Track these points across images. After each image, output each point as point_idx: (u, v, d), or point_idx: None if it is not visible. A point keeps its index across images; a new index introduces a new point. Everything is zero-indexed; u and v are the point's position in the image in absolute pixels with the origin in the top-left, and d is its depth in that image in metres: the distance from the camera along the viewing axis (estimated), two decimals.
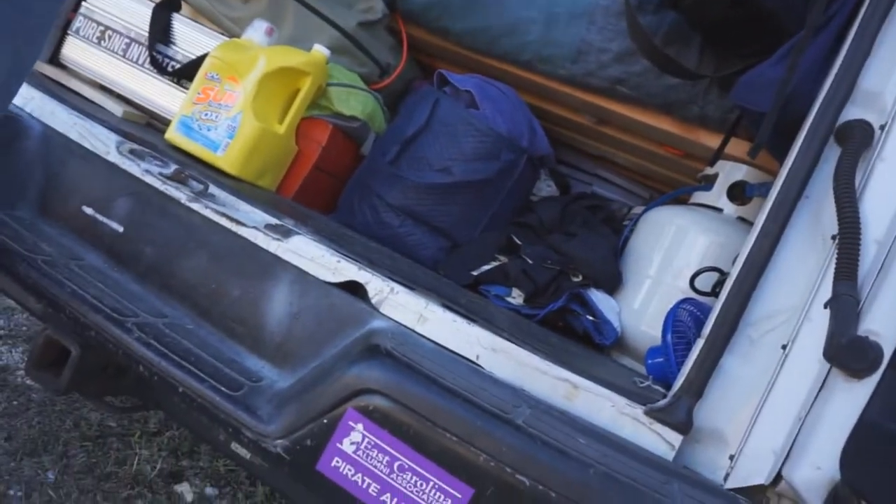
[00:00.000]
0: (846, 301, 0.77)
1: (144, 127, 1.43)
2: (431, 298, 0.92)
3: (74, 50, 1.52)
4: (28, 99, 1.23)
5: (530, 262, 1.28)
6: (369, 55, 1.49)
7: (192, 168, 1.15)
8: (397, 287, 0.92)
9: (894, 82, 0.92)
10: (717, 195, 1.32)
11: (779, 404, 0.83)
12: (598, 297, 1.24)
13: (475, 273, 1.32)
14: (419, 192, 1.36)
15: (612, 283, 1.29)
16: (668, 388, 0.91)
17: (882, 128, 0.90)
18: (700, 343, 0.90)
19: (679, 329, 1.12)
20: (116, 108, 1.42)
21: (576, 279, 1.28)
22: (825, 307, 0.81)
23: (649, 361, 1.14)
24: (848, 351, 0.73)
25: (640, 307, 1.27)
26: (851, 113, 0.92)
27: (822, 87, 0.94)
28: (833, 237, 0.87)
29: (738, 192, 1.29)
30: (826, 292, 0.83)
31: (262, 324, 0.96)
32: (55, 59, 1.54)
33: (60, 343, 0.95)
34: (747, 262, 0.90)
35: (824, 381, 0.79)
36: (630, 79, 1.36)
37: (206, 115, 1.26)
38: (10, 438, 1.35)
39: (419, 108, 1.42)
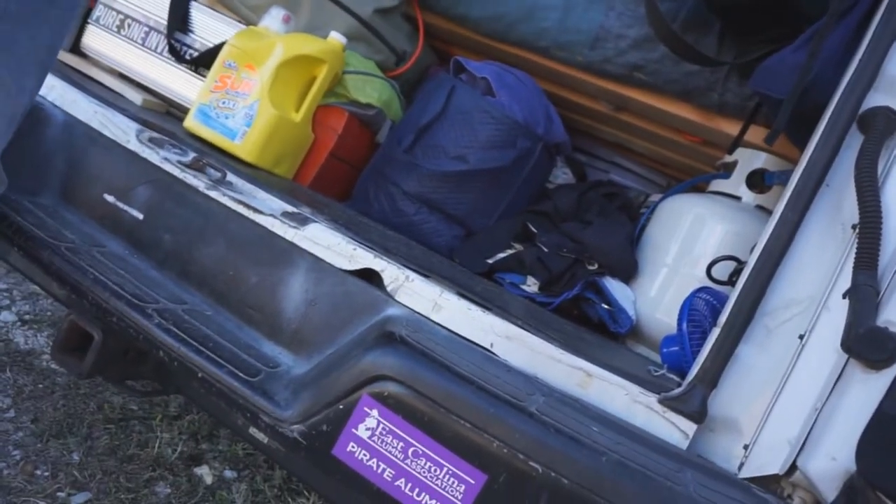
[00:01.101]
0: (865, 291, 0.76)
1: (164, 115, 1.45)
2: (446, 286, 0.93)
3: (95, 39, 1.54)
4: (50, 88, 1.25)
5: (546, 250, 1.28)
6: (385, 42, 1.49)
7: (210, 156, 1.16)
8: (412, 275, 0.93)
9: None
10: (735, 183, 1.30)
11: (795, 394, 0.83)
12: (613, 286, 1.24)
13: (490, 261, 1.32)
14: (434, 180, 1.36)
15: (628, 272, 1.28)
16: (683, 377, 0.91)
17: None
18: (716, 332, 0.90)
19: (695, 318, 1.11)
20: (136, 97, 1.44)
21: (591, 267, 1.28)
22: (844, 297, 0.80)
23: (664, 350, 1.13)
24: (866, 341, 0.72)
25: (656, 295, 1.26)
26: (875, 100, 0.90)
27: (844, 73, 0.93)
28: (853, 227, 0.85)
29: (758, 180, 1.28)
30: (845, 282, 0.82)
31: (278, 310, 0.97)
32: (76, 48, 1.56)
33: (84, 328, 0.98)
34: (765, 251, 0.89)
35: (841, 371, 0.78)
36: (648, 65, 1.34)
37: (224, 103, 1.27)
38: (37, 420, 1.39)
39: (435, 96, 1.42)
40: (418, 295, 0.92)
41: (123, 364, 1.02)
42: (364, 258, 0.95)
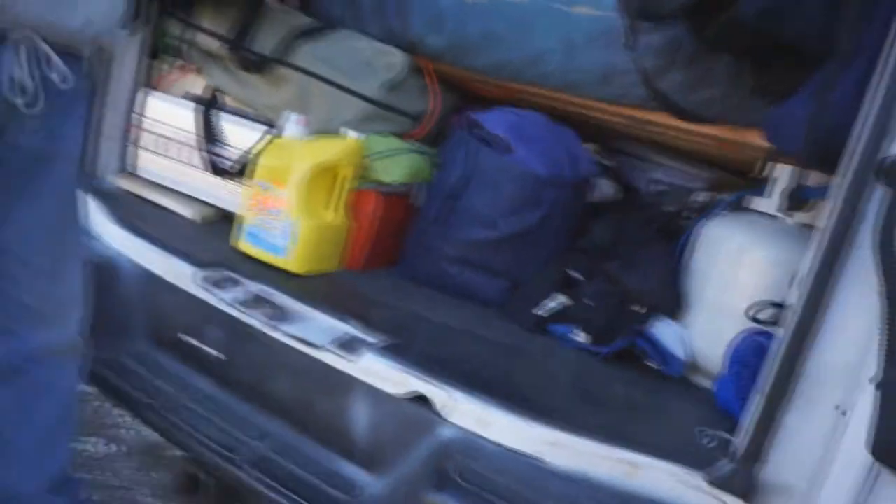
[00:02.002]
0: (892, 390, 0.76)
1: (219, 222, 1.56)
2: (491, 401, 1.00)
3: (142, 161, 1.66)
4: (115, 237, 1.40)
5: (590, 303, 1.32)
6: (401, 113, 1.52)
7: (265, 286, 1.26)
8: (458, 395, 1.01)
9: None
10: (772, 202, 1.27)
11: (840, 475, 0.85)
12: (660, 330, 1.27)
13: (538, 314, 1.37)
14: (470, 247, 1.41)
15: (674, 308, 1.30)
16: (737, 423, 0.93)
17: None
18: (757, 399, 0.92)
19: (742, 359, 1.13)
20: (192, 212, 1.58)
21: (637, 309, 1.31)
22: (876, 388, 0.80)
23: (717, 392, 1.17)
24: (890, 453, 0.73)
25: (707, 328, 1.27)
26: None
27: (861, 117, 0.88)
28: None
29: (795, 197, 1.24)
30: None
31: (349, 433, 1.09)
32: (129, 171, 1.69)
33: (193, 473, 1.15)
34: (801, 318, 0.89)
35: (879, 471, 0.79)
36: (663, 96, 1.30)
37: (265, 222, 1.36)
38: None
39: (457, 157, 1.45)
40: (466, 415, 1.00)
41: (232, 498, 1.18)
42: (413, 384, 1.04)
